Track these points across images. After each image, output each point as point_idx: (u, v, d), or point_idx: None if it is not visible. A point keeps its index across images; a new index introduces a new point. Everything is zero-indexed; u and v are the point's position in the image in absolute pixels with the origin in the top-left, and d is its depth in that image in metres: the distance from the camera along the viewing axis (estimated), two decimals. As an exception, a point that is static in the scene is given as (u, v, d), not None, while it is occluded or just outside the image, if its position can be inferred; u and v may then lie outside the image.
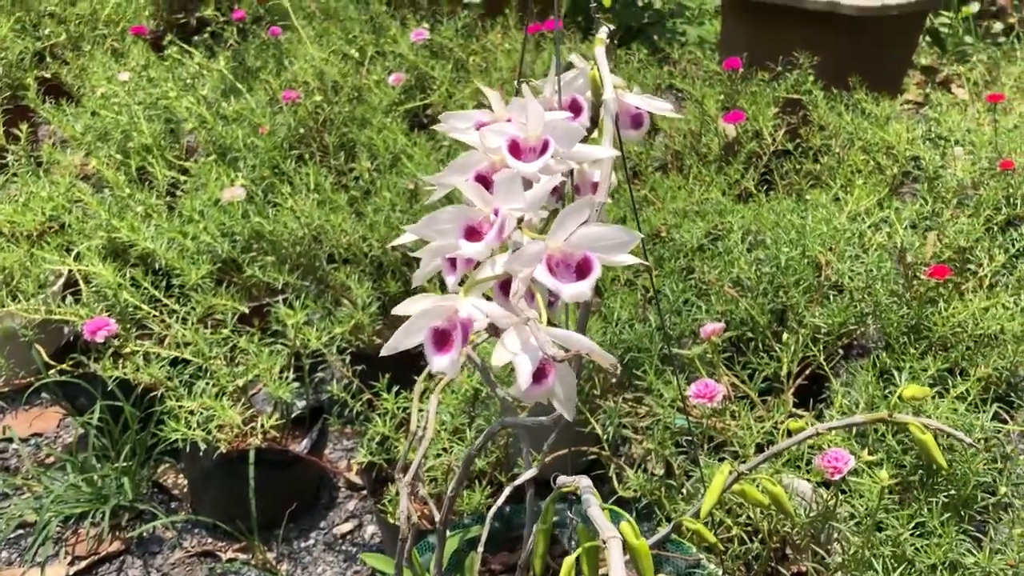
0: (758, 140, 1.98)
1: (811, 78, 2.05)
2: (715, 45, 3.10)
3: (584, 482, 0.71)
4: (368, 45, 2.40)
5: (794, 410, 1.41)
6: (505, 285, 0.66)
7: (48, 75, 2.38)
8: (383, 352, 0.62)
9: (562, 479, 0.76)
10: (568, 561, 0.65)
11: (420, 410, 0.99)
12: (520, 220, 0.67)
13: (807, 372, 1.47)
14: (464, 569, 1.13)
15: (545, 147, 0.69)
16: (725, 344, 1.49)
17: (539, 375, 0.60)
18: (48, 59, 2.44)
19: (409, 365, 1.15)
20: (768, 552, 1.21)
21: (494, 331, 0.64)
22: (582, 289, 0.60)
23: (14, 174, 1.96)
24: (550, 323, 0.62)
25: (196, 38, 2.43)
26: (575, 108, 0.82)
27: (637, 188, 1.93)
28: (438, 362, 0.60)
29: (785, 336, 1.41)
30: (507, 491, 1.06)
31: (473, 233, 0.63)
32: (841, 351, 1.56)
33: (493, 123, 0.75)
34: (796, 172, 1.95)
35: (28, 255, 1.71)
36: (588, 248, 0.62)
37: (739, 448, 1.29)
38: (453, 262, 0.68)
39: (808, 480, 1.23)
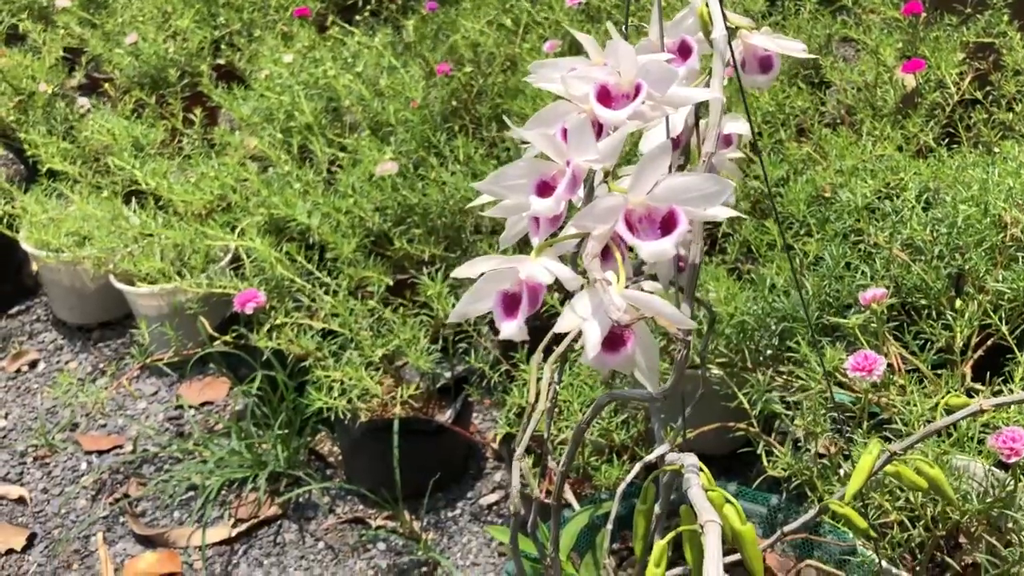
0: (941, 90, 1.80)
1: (1005, 18, 1.84)
2: (900, -10, 2.86)
3: (689, 459, 0.65)
4: (523, 13, 2.37)
5: (971, 384, 1.27)
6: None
7: (223, 62, 2.50)
8: (451, 319, 0.59)
9: (669, 456, 0.70)
10: (659, 546, 0.59)
11: (539, 380, 0.96)
12: (609, 173, 0.61)
13: (988, 343, 1.32)
14: (595, 545, 1.09)
15: (637, 91, 0.63)
16: (894, 312, 1.37)
17: (617, 342, 0.54)
18: (223, 47, 2.56)
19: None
20: (934, 540, 1.09)
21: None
22: (664, 247, 0.54)
23: (187, 156, 2.07)
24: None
25: (357, 17, 2.48)
26: (684, 50, 0.75)
27: (802, 145, 1.80)
28: (506, 328, 0.55)
29: (958, 303, 1.27)
30: (636, 468, 1.00)
31: (546, 189, 0.58)
32: (1033, 319, 1.40)
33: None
34: (985, 123, 1.76)
35: (198, 233, 1.80)
36: (674, 201, 0.55)
37: (903, 426, 1.17)
38: (539, 220, 0.63)
39: (982, 463, 1.10)
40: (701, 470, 0.67)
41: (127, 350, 1.96)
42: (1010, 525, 1.04)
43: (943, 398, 1.22)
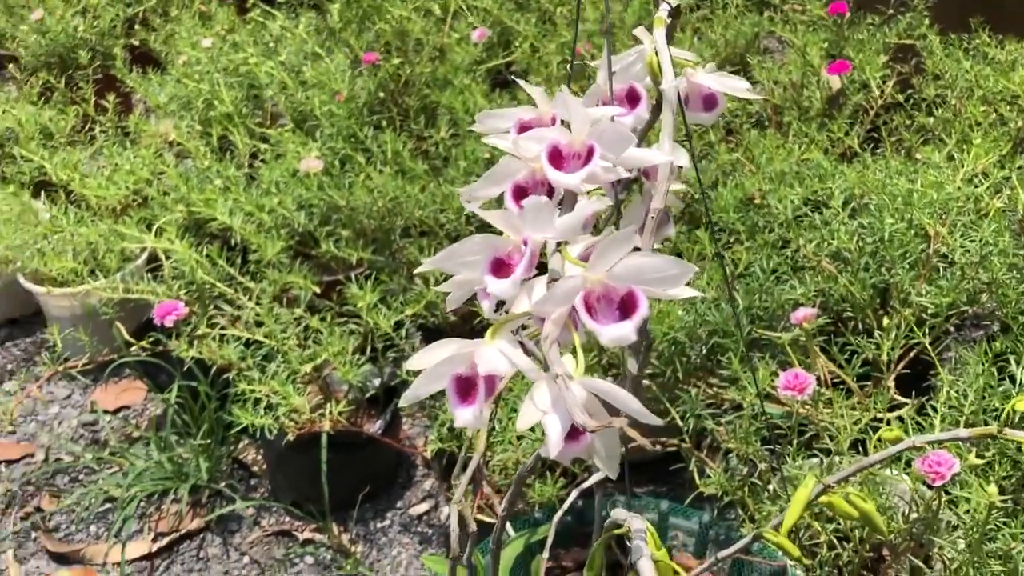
0: (865, 92, 1.83)
1: (926, 21, 1.88)
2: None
3: (636, 524, 0.64)
4: (451, 0, 2.32)
5: (895, 397, 1.30)
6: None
7: (137, 42, 2.38)
8: (402, 403, 0.56)
9: (616, 513, 0.69)
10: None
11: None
12: (562, 243, 0.59)
13: (911, 355, 1.35)
14: (531, 572, 1.09)
15: (590, 154, 0.61)
16: (822, 325, 1.39)
17: (577, 431, 0.53)
18: (137, 26, 2.44)
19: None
20: (861, 560, 1.12)
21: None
22: (624, 332, 0.52)
23: (101, 146, 1.98)
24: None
25: (279, -1, 2.39)
26: (632, 97, 0.74)
27: (731, 148, 1.81)
28: (461, 415, 0.53)
29: (886, 321, 1.30)
30: (571, 498, 1.00)
31: (501, 266, 0.56)
32: (952, 328, 1.43)
33: (536, 122, 0.68)
34: (907, 127, 1.79)
35: (112, 231, 1.72)
36: (634, 281, 0.54)
37: (830, 442, 1.19)
38: (489, 288, 0.61)
39: (908, 484, 1.13)
40: (648, 531, 0.67)
41: (37, 350, 1.87)
42: (935, 550, 1.07)
43: (869, 413, 1.25)
